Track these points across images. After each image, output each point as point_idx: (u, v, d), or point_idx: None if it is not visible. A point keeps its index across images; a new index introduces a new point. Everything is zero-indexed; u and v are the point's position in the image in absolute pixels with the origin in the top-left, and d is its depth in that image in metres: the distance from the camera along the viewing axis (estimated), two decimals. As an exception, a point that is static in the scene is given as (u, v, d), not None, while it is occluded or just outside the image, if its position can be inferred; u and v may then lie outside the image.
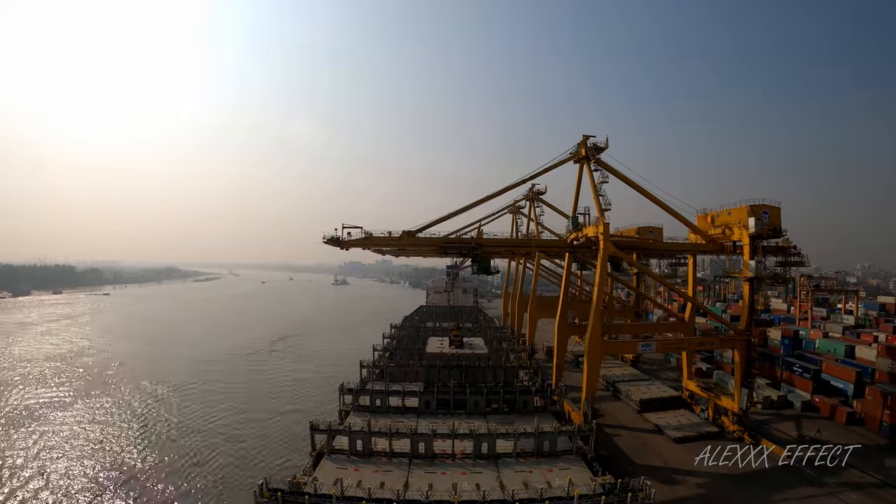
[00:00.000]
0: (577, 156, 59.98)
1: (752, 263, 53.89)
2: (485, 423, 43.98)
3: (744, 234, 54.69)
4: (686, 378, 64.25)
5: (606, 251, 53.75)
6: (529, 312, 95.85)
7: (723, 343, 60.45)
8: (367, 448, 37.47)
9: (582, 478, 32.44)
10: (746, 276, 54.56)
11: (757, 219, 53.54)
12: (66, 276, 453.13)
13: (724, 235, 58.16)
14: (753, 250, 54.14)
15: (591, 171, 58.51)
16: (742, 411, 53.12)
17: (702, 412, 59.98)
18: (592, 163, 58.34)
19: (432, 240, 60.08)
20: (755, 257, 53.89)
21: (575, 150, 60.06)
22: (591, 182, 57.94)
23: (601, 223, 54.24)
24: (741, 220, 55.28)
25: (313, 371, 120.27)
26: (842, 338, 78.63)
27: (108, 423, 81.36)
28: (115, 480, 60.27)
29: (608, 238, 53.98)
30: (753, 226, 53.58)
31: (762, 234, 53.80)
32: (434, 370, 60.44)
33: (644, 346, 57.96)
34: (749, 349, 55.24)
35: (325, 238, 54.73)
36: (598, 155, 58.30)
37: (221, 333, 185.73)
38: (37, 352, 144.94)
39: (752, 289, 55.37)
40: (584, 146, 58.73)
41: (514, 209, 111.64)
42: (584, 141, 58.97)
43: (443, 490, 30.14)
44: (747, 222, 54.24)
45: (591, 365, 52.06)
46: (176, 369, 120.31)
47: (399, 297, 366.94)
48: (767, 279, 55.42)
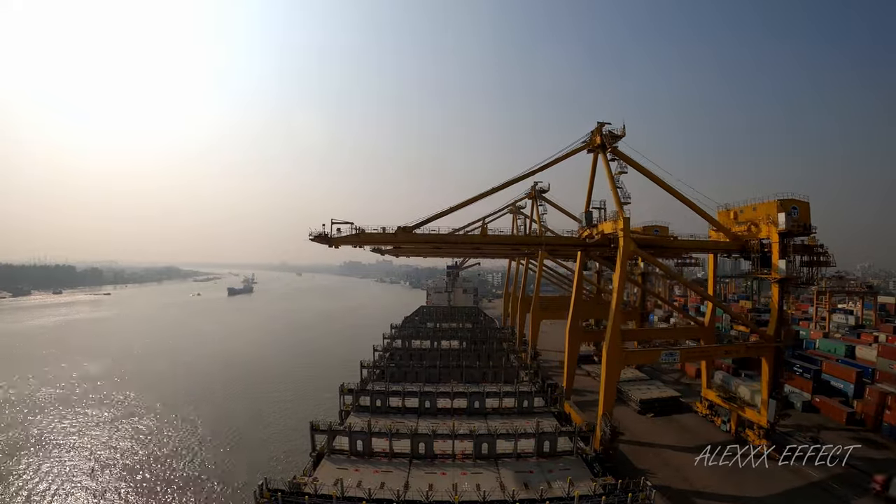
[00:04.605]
0: (591, 144, 55.12)
1: (782, 263, 49.33)
2: (485, 423, 43.97)
3: (772, 230, 50.14)
4: (705, 387, 60.62)
5: (627, 250, 48.37)
6: (532, 313, 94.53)
7: (749, 350, 54.50)
8: (367, 448, 37.44)
9: (582, 478, 32.41)
10: (776, 277, 50.11)
11: (787, 214, 48.86)
12: (67, 276, 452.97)
13: (750, 233, 53.37)
14: (783, 249, 49.49)
15: (607, 161, 53.74)
16: (770, 425, 49.05)
17: (723, 424, 57.02)
18: (608, 152, 53.64)
19: (431, 237, 55.02)
20: (785, 256, 49.26)
21: (588, 138, 55.16)
22: (608, 173, 53.16)
23: (621, 218, 48.97)
24: (769, 215, 50.71)
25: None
26: (842, 338, 78.68)
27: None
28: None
29: (629, 235, 48.71)
30: (784, 222, 48.88)
31: (792, 231, 49.31)
32: (434, 370, 60.44)
33: (667, 356, 52.35)
34: (778, 357, 51.12)
35: (312, 235, 49.60)
36: (615, 143, 53.44)
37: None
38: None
39: (781, 291, 51.03)
40: (599, 134, 53.82)
41: (514, 209, 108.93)
42: (598, 128, 54.01)
43: (443, 490, 30.15)
44: (776, 218, 49.57)
45: (610, 376, 47.11)
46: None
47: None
48: (799, 281, 51.16)
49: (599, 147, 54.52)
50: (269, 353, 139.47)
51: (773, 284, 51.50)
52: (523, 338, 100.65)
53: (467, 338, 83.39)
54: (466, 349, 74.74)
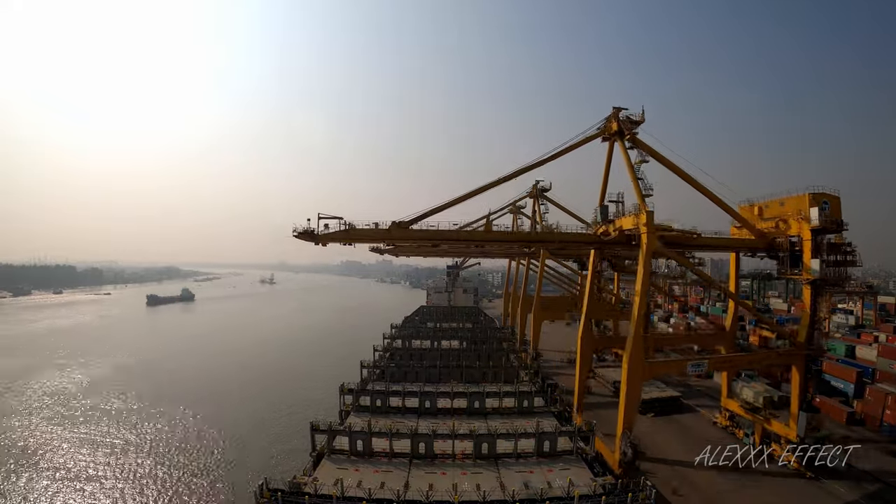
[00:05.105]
0: (606, 131, 50.94)
1: (815, 263, 45.65)
2: (485, 423, 43.94)
3: (804, 227, 46.30)
4: (725, 396, 56.67)
5: (651, 247, 43.42)
6: (534, 314, 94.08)
7: (780, 358, 51.34)
8: (367, 448, 37.41)
9: (582, 478, 32.36)
10: (808, 278, 46.27)
11: (820, 209, 45.22)
12: (67, 276, 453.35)
13: (778, 230, 49.55)
14: (816, 247, 45.80)
15: (625, 150, 49.65)
16: (801, 440, 46.03)
17: (746, 437, 53.79)
18: (627, 139, 49.51)
19: (429, 233, 49.99)
20: (819, 255, 45.60)
21: (603, 125, 51.15)
22: (628, 162, 48.82)
23: (643, 212, 43.93)
24: (800, 210, 46.80)
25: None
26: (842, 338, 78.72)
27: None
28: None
29: (653, 231, 43.69)
30: (817, 217, 45.24)
31: (826, 228, 45.63)
32: (434, 370, 60.44)
33: (693, 367, 48.23)
34: (809, 366, 47.67)
35: (296, 231, 44.99)
36: (635, 130, 49.37)
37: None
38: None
39: (814, 294, 46.93)
40: (616, 119, 49.86)
41: (514, 209, 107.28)
42: (615, 113, 50.07)
43: (443, 490, 30.09)
44: (807, 213, 45.87)
45: (631, 391, 42.56)
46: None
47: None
48: (832, 282, 47.04)
49: (616, 134, 50.20)
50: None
51: (804, 286, 47.85)
52: (524, 338, 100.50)
53: (467, 338, 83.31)
54: (466, 349, 74.63)
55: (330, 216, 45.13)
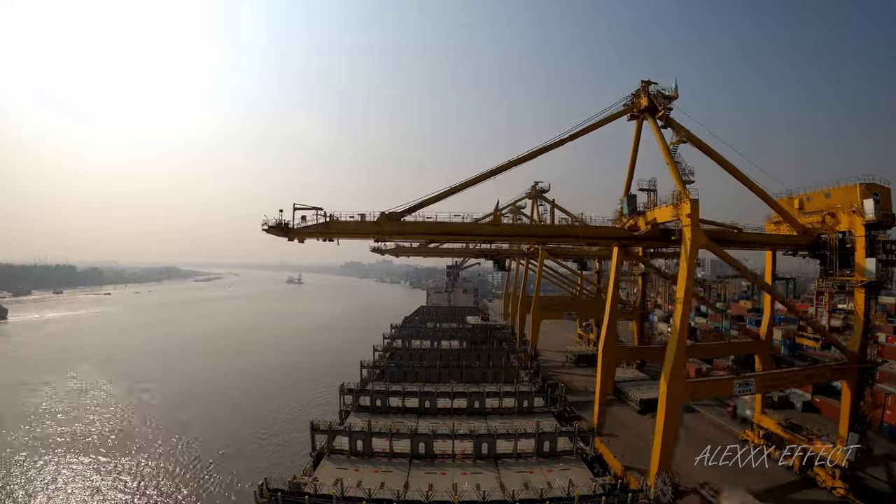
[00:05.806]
0: (635, 107, 44.95)
1: (870, 263, 39.46)
2: (485, 423, 43.99)
3: (856, 221, 40.22)
4: (759, 412, 49.99)
5: (697, 244, 36.38)
6: (533, 313, 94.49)
7: (834, 374, 44.15)
8: (367, 448, 37.45)
9: (582, 478, 32.39)
10: (862, 280, 39.90)
11: (875, 201, 39.22)
12: (67, 276, 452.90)
13: (825, 225, 43.43)
14: (871, 245, 39.69)
15: (658, 128, 43.19)
16: (850, 464, 39.03)
17: (782, 459, 46.30)
18: (659, 117, 43.42)
19: (428, 226, 42.39)
20: (874, 254, 39.57)
21: (630, 100, 45.21)
22: (661, 142, 42.27)
23: (687, 201, 36.38)
24: (852, 202, 40.58)
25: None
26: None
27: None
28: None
29: (698, 224, 36.74)
30: (872, 211, 39.07)
31: (882, 223, 39.56)
32: (434, 370, 60.48)
33: (741, 387, 39.82)
34: (863, 380, 41.87)
35: (266, 225, 38.46)
36: (669, 106, 43.13)
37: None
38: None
39: (868, 298, 40.60)
40: (646, 94, 43.80)
41: (514, 209, 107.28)
42: (644, 87, 44.06)
43: (443, 490, 30.11)
44: (860, 206, 39.77)
45: (670, 419, 34.77)
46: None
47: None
48: (887, 284, 41.23)
49: (647, 111, 44.07)
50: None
51: (857, 290, 41.22)
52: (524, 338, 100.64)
53: (467, 338, 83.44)
54: (466, 349, 74.82)
55: (307, 206, 38.44)
